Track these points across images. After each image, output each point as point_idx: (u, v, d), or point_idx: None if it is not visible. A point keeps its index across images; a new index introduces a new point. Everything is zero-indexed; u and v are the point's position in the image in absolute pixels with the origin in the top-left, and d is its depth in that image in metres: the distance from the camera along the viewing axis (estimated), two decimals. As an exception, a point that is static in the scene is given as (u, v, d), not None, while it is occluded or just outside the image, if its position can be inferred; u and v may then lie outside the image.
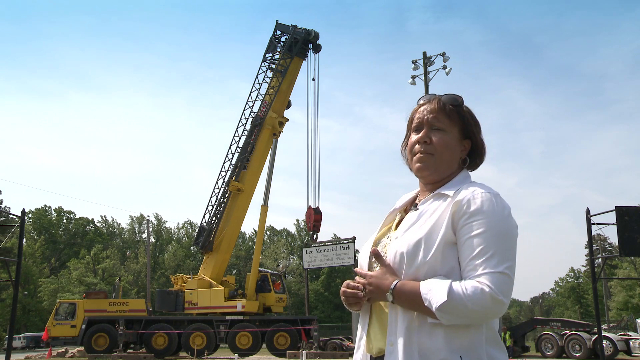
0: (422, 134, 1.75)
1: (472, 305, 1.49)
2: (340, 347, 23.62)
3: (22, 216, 12.04)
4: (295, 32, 25.56)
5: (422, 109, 1.79)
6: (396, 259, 1.64)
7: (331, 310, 56.01)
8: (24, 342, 41.00)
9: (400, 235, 1.68)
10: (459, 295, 1.50)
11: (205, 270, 25.08)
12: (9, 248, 33.44)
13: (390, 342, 1.61)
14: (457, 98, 1.78)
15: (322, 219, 25.65)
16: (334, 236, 58.64)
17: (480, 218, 1.57)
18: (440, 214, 1.64)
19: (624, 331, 23.30)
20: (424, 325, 1.58)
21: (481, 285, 1.50)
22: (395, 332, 1.61)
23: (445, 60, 24.81)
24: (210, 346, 22.06)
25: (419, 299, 1.55)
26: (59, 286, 48.22)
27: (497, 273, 1.52)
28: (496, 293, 1.49)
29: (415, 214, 1.71)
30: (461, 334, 1.56)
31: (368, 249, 1.79)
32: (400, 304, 1.61)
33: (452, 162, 1.76)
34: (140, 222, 70.42)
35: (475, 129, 1.80)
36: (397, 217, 1.84)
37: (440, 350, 1.54)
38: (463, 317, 1.52)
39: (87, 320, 22.20)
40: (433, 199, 1.71)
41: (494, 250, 1.54)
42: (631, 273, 46.49)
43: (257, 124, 25.14)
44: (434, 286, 1.55)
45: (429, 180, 1.77)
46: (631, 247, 11.53)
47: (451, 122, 1.75)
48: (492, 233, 1.55)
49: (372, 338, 1.72)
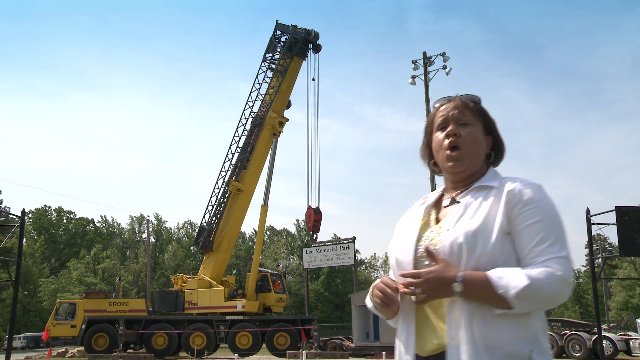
0: (450, 128, 1.74)
1: (547, 289, 1.49)
2: (340, 347, 23.61)
3: (22, 216, 12.04)
4: (295, 32, 25.55)
5: (443, 107, 1.79)
6: (454, 251, 1.59)
7: (331, 310, 55.99)
8: (24, 342, 40.99)
9: (452, 227, 1.63)
10: (535, 280, 1.49)
11: (205, 270, 25.08)
12: (9, 248, 33.42)
13: (451, 337, 1.56)
14: (475, 96, 1.81)
15: (322, 219, 25.67)
16: (334, 236, 58.65)
17: (535, 206, 1.59)
18: (491, 204, 1.63)
19: (624, 331, 23.30)
20: (488, 317, 1.54)
21: (552, 270, 1.51)
22: (456, 325, 1.56)
23: (445, 60, 24.86)
24: (210, 346, 22.06)
25: (490, 288, 1.52)
26: (59, 286, 48.22)
27: (563, 258, 1.54)
28: (567, 276, 1.52)
29: (460, 206, 1.68)
30: (526, 325, 1.55)
31: (408, 245, 1.73)
32: (469, 295, 1.55)
33: (481, 156, 1.77)
34: (140, 222, 70.43)
35: (495, 126, 1.82)
36: (433, 212, 1.80)
37: (508, 342, 1.53)
38: (538, 302, 1.52)
39: (87, 320, 22.21)
40: (475, 192, 1.70)
41: (555, 236, 1.57)
42: (631, 273, 46.53)
43: (257, 124, 25.14)
44: (505, 274, 1.52)
45: (462, 177, 1.76)
46: (631, 247, 11.53)
47: (475, 117, 1.76)
48: (550, 220, 1.58)
49: (424, 337, 1.65)
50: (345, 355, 20.72)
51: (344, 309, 51.73)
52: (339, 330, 39.69)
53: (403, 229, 1.83)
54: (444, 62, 24.86)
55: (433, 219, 1.77)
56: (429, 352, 1.63)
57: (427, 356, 1.63)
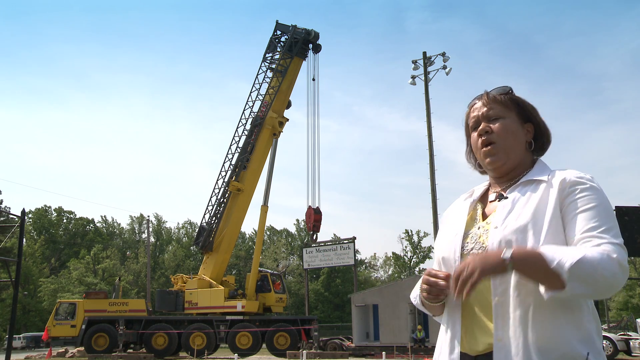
0: (481, 127, 1.73)
1: (602, 270, 1.38)
2: (340, 347, 23.61)
3: (22, 216, 12.05)
4: (295, 32, 25.55)
5: (473, 108, 1.79)
6: (503, 247, 1.53)
7: (331, 310, 56.00)
8: (24, 342, 40.99)
9: (501, 224, 1.58)
10: (590, 258, 1.39)
11: (205, 270, 25.08)
12: (9, 248, 33.40)
13: (498, 337, 1.49)
14: (505, 87, 1.78)
15: (322, 219, 25.68)
16: (334, 236, 58.68)
17: (590, 194, 1.54)
18: (540, 198, 1.58)
19: (624, 331, 23.32)
20: (540, 316, 1.47)
21: (607, 252, 1.42)
22: (504, 325, 1.49)
23: (445, 60, 24.84)
24: (210, 346, 22.06)
25: (543, 261, 1.40)
26: (59, 286, 48.24)
27: (618, 245, 1.46)
28: (623, 261, 1.42)
29: (508, 202, 1.63)
30: (580, 324, 1.48)
31: (454, 242, 1.67)
32: (520, 268, 1.42)
33: (518, 147, 1.72)
34: (140, 222, 70.46)
35: (534, 112, 1.77)
36: (479, 207, 1.76)
37: (562, 343, 1.45)
38: (593, 283, 1.39)
39: (87, 320, 22.21)
40: (522, 186, 1.66)
41: (610, 224, 1.49)
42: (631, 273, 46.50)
43: (257, 124, 25.14)
44: (559, 249, 1.43)
45: (503, 171, 1.73)
46: (631, 247, 11.53)
47: (506, 108, 1.74)
48: (604, 208, 1.52)
49: (474, 336, 1.58)
50: (345, 355, 20.72)
51: (344, 309, 51.76)
52: (339, 330, 39.71)
53: (449, 224, 1.79)
54: (444, 62, 24.86)
55: (479, 214, 1.73)
56: (479, 352, 1.56)
57: (476, 356, 1.57)
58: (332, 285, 57.20)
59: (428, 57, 25.28)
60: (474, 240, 1.65)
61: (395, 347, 20.44)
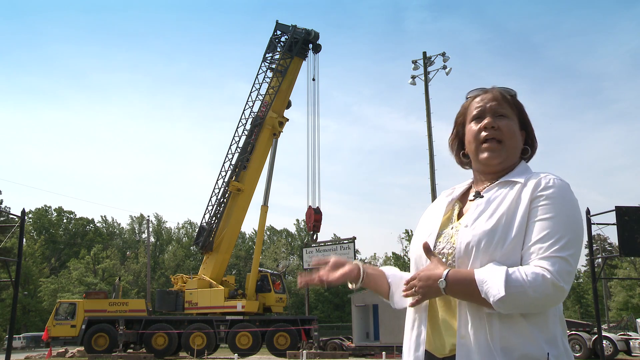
0: (488, 120, 1.67)
1: (533, 292, 1.41)
2: (340, 347, 23.61)
3: (22, 216, 12.03)
4: (295, 32, 25.55)
5: (480, 98, 1.73)
6: (470, 248, 1.53)
7: (331, 310, 55.99)
8: (24, 342, 41.02)
9: (471, 224, 1.57)
10: (520, 282, 1.42)
11: (205, 270, 25.08)
12: (9, 248, 33.42)
13: (460, 335, 1.50)
14: (512, 90, 1.75)
15: (322, 218, 25.67)
16: (334, 236, 58.64)
17: (552, 202, 1.51)
18: (513, 200, 1.56)
19: (624, 331, 23.31)
20: (504, 316, 1.46)
21: (542, 271, 1.43)
22: (467, 324, 1.50)
23: (445, 60, 24.85)
24: (210, 346, 22.06)
25: (475, 289, 1.46)
26: (59, 286, 48.24)
27: (559, 258, 1.44)
28: (557, 280, 1.42)
29: (482, 201, 1.62)
30: (543, 326, 1.48)
31: (427, 241, 1.68)
32: (454, 293, 1.50)
33: (517, 151, 1.71)
34: (140, 222, 70.46)
35: (529, 121, 1.76)
36: (457, 206, 1.74)
37: (524, 343, 1.45)
38: (523, 306, 1.43)
39: (87, 320, 22.20)
40: (499, 187, 1.64)
41: (560, 234, 1.47)
42: (631, 273, 46.47)
43: (257, 124, 25.14)
44: (490, 274, 1.45)
45: (496, 170, 1.69)
46: (631, 247, 11.52)
47: (512, 110, 1.71)
48: (562, 219, 1.50)
49: (438, 335, 1.59)
50: (345, 355, 20.72)
51: (344, 309, 51.75)
52: (339, 330, 39.72)
53: (425, 223, 1.77)
54: (444, 62, 24.87)
55: (455, 214, 1.71)
56: (445, 354, 1.56)
57: (442, 357, 1.57)
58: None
59: (428, 57, 25.30)
60: (445, 239, 1.64)
61: (395, 347, 20.44)
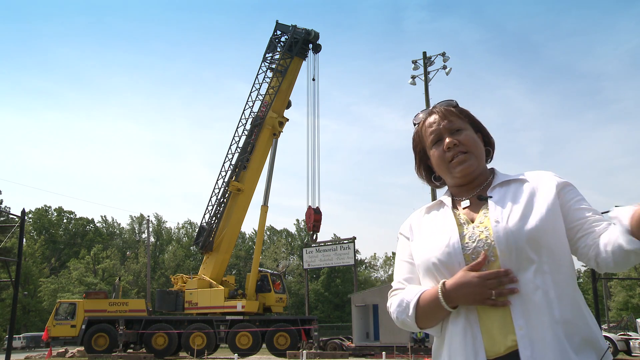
0: (448, 140, 1.69)
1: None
2: (340, 347, 23.60)
3: (22, 216, 12.03)
4: (295, 32, 25.55)
5: (428, 122, 1.75)
6: (510, 240, 1.51)
7: (331, 310, 55.99)
8: (24, 342, 40.97)
9: (501, 218, 1.55)
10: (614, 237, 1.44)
11: (205, 270, 25.08)
12: (9, 248, 33.43)
13: (519, 327, 1.45)
14: (451, 101, 1.78)
15: (322, 218, 25.68)
16: (334, 236, 58.67)
17: (575, 189, 1.62)
18: (530, 192, 1.60)
19: (624, 331, 23.34)
20: (562, 296, 1.45)
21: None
22: (525, 314, 1.45)
23: (445, 60, 24.85)
24: (210, 346, 22.06)
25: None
26: (59, 286, 48.24)
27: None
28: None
29: (497, 199, 1.62)
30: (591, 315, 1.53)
31: (451, 244, 1.60)
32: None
33: (483, 154, 1.74)
34: (140, 222, 70.45)
35: (480, 123, 1.78)
36: (459, 213, 1.69)
37: (584, 327, 1.46)
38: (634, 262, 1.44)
39: (87, 320, 22.21)
40: (501, 187, 1.66)
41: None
42: (631, 273, 46.46)
43: (257, 124, 25.14)
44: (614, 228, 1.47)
45: (472, 178, 1.70)
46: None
47: (462, 120, 1.73)
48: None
49: (489, 336, 1.49)
50: (345, 355, 20.72)
51: (344, 309, 51.74)
52: (339, 330, 39.74)
53: (429, 232, 1.70)
54: (444, 62, 24.87)
55: (464, 219, 1.66)
56: (500, 354, 1.47)
57: (495, 358, 1.47)
58: (332, 285, 57.18)
59: (428, 57, 25.30)
60: (473, 239, 1.59)
61: (395, 347, 20.44)
